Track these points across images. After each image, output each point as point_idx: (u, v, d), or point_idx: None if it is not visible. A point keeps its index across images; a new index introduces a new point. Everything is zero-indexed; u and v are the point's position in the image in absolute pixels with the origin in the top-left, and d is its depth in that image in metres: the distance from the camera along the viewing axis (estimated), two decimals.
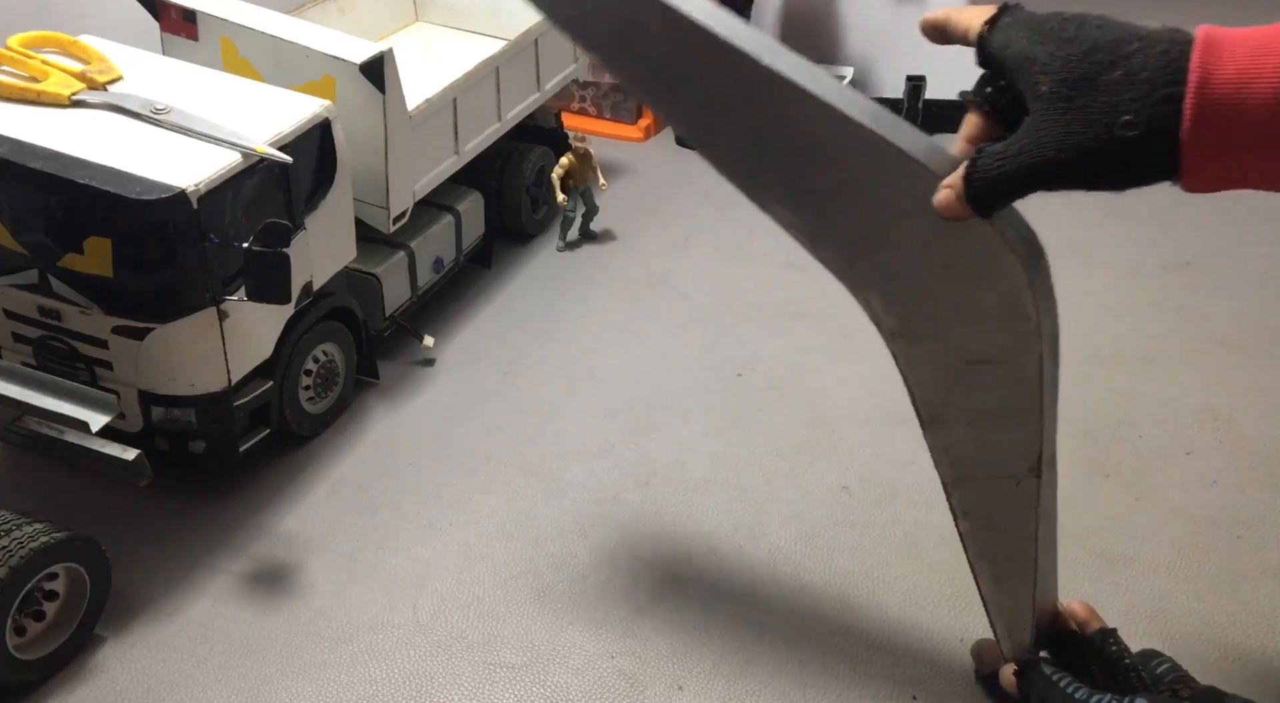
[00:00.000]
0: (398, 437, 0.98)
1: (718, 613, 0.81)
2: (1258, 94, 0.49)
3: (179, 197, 0.74)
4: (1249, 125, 0.50)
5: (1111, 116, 0.52)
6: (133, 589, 0.81)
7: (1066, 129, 0.54)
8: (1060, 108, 0.54)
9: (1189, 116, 0.50)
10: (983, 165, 0.56)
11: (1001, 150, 0.56)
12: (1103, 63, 0.53)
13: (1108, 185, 0.55)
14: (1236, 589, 0.83)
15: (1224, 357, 1.10)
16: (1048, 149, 0.55)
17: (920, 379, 0.66)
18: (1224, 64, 0.50)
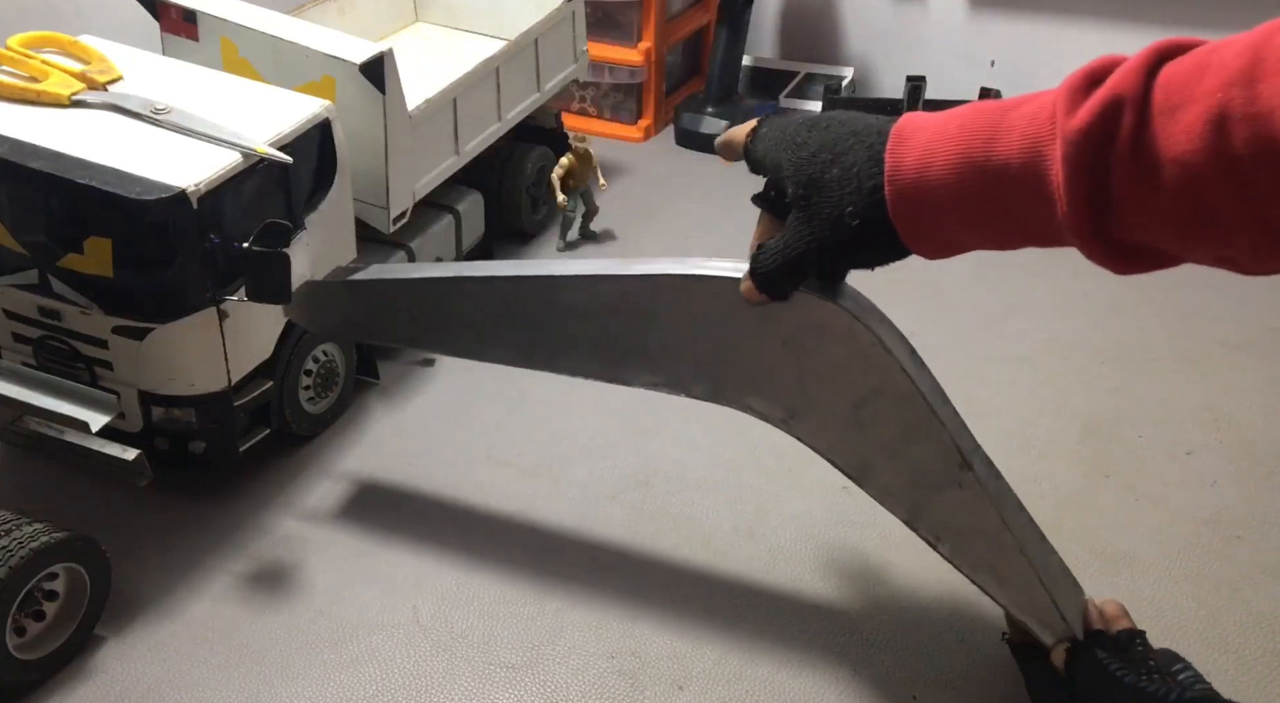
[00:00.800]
0: (398, 437, 0.98)
1: (718, 613, 0.81)
2: (934, 177, 0.55)
3: (179, 197, 0.74)
4: (937, 203, 0.55)
5: (838, 210, 0.59)
6: (133, 589, 0.81)
7: (810, 226, 0.60)
8: (801, 207, 0.60)
9: (889, 203, 0.56)
10: (760, 262, 0.64)
11: (771, 247, 0.63)
12: (826, 162, 0.59)
13: (862, 264, 0.62)
14: (1236, 589, 0.83)
15: (1224, 357, 1.10)
16: (801, 244, 0.61)
17: (830, 444, 0.71)
18: (908, 153, 0.56)
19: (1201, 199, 0.48)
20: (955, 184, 0.55)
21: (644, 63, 1.49)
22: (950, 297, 1.18)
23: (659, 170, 1.46)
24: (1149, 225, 0.51)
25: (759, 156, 0.65)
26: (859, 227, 0.58)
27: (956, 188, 0.55)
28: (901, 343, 0.68)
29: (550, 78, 1.24)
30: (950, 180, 0.55)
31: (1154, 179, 0.49)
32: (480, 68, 1.10)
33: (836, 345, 0.67)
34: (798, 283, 0.64)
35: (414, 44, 1.28)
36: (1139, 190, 0.49)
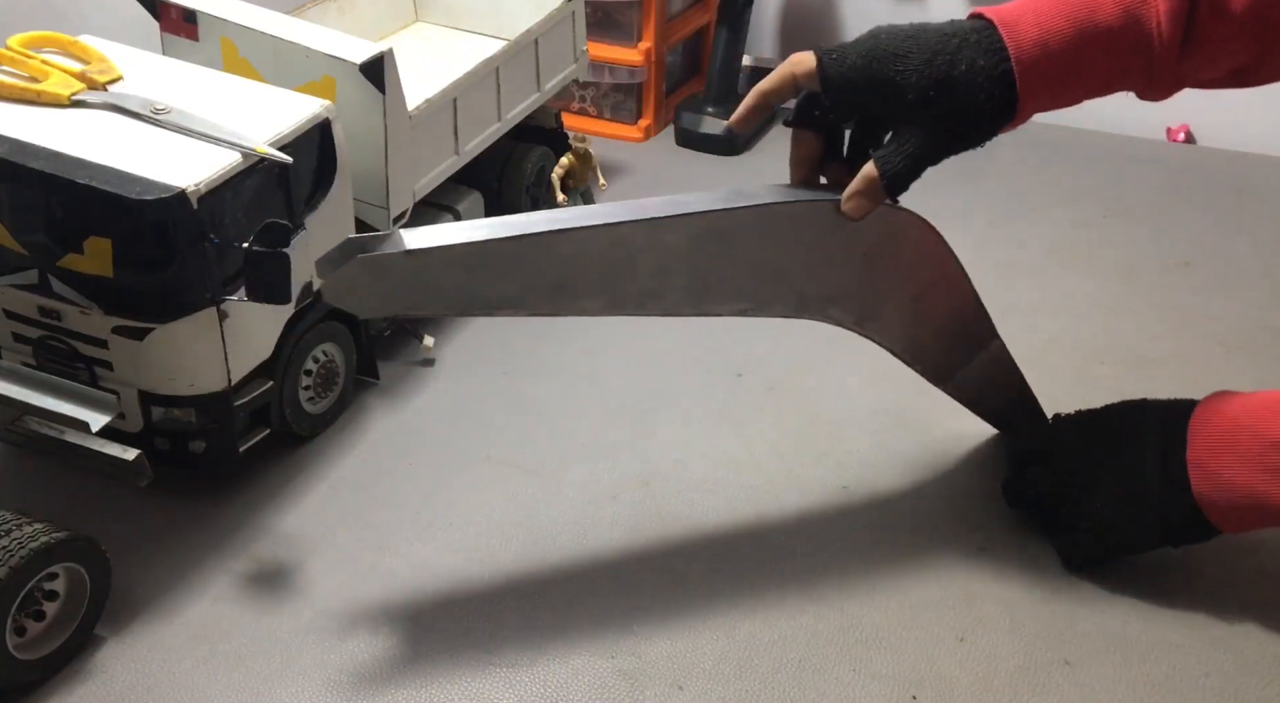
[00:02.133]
0: (398, 437, 0.98)
1: (718, 613, 0.81)
2: (1054, 49, 0.69)
3: (179, 197, 0.74)
4: (1056, 71, 0.69)
5: (973, 101, 0.69)
6: (133, 589, 0.81)
7: (943, 123, 0.70)
8: (932, 106, 0.70)
9: (1019, 81, 0.69)
10: (889, 167, 0.72)
11: (896, 151, 0.72)
12: (946, 63, 0.69)
13: (973, 145, 0.73)
14: (1236, 589, 0.83)
15: (1224, 357, 1.10)
16: (935, 141, 0.71)
17: (891, 337, 0.85)
18: (1023, 35, 0.69)
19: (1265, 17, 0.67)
20: (1072, 52, 0.68)
21: (644, 63, 1.49)
22: None
23: (659, 170, 1.46)
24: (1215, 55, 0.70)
25: (843, 76, 0.71)
26: (991, 107, 0.70)
27: (1073, 55, 0.68)
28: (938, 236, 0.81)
29: (550, 78, 1.24)
30: (1067, 50, 0.68)
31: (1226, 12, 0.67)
32: (480, 68, 1.10)
33: (908, 248, 0.79)
34: (916, 177, 0.73)
35: (414, 44, 1.28)
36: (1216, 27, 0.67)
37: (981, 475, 0.93)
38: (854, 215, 0.74)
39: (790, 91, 0.75)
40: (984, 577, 0.84)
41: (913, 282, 0.82)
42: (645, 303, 0.77)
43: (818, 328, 1.13)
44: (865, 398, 1.03)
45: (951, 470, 0.95)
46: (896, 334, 0.85)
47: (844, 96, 0.72)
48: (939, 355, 0.88)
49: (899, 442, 0.98)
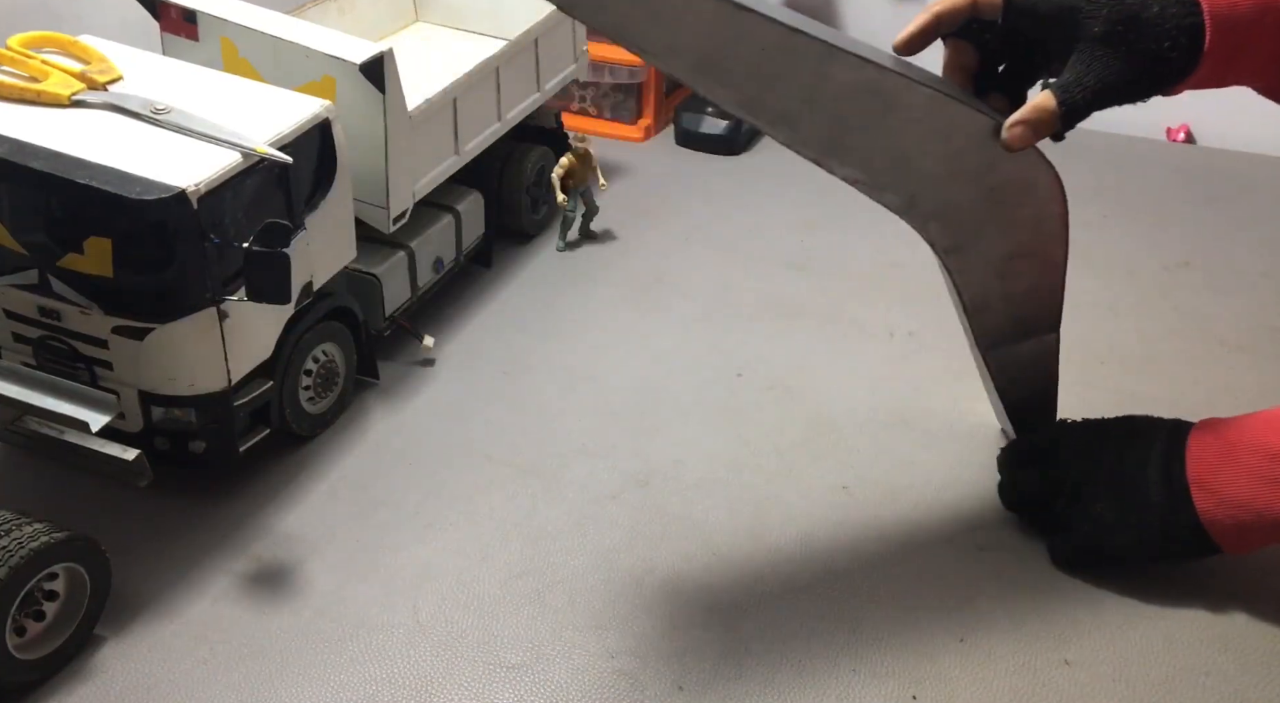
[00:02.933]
0: (398, 437, 0.98)
1: (718, 613, 0.81)
2: (1243, 11, 0.68)
3: (179, 197, 0.74)
4: (1247, 31, 0.69)
5: (1158, 45, 0.69)
6: (133, 589, 0.81)
7: (1126, 61, 0.69)
8: (1117, 42, 0.69)
9: (1209, 34, 0.68)
10: (1069, 97, 0.71)
11: (1076, 82, 0.71)
12: (1139, 4, 0.69)
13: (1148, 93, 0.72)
14: (1236, 589, 0.83)
15: (1224, 357, 1.10)
16: (1117, 78, 0.70)
17: (969, 279, 0.83)
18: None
19: None
20: (1260, 13, 0.68)
21: (644, 62, 1.49)
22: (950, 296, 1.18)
23: (659, 170, 1.46)
24: None
25: (1031, 2, 0.72)
26: (1175, 56, 0.69)
27: (1260, 16, 0.68)
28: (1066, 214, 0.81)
29: (550, 78, 1.24)
30: (1255, 12, 0.68)
31: None
32: (480, 68, 1.10)
33: (1031, 203, 0.79)
34: (1093, 111, 0.72)
35: (414, 44, 1.28)
36: None
37: (981, 476, 0.93)
38: (1013, 144, 0.73)
39: (967, 13, 0.74)
40: (984, 577, 0.84)
41: (1017, 238, 0.81)
42: (776, 123, 0.73)
43: (818, 329, 1.14)
44: (865, 398, 1.03)
45: (951, 471, 0.95)
46: (973, 279, 0.83)
47: (1025, 23, 0.72)
48: (999, 322, 0.86)
49: (899, 442, 0.98)
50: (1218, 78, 0.71)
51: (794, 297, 1.18)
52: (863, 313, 1.15)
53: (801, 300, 1.17)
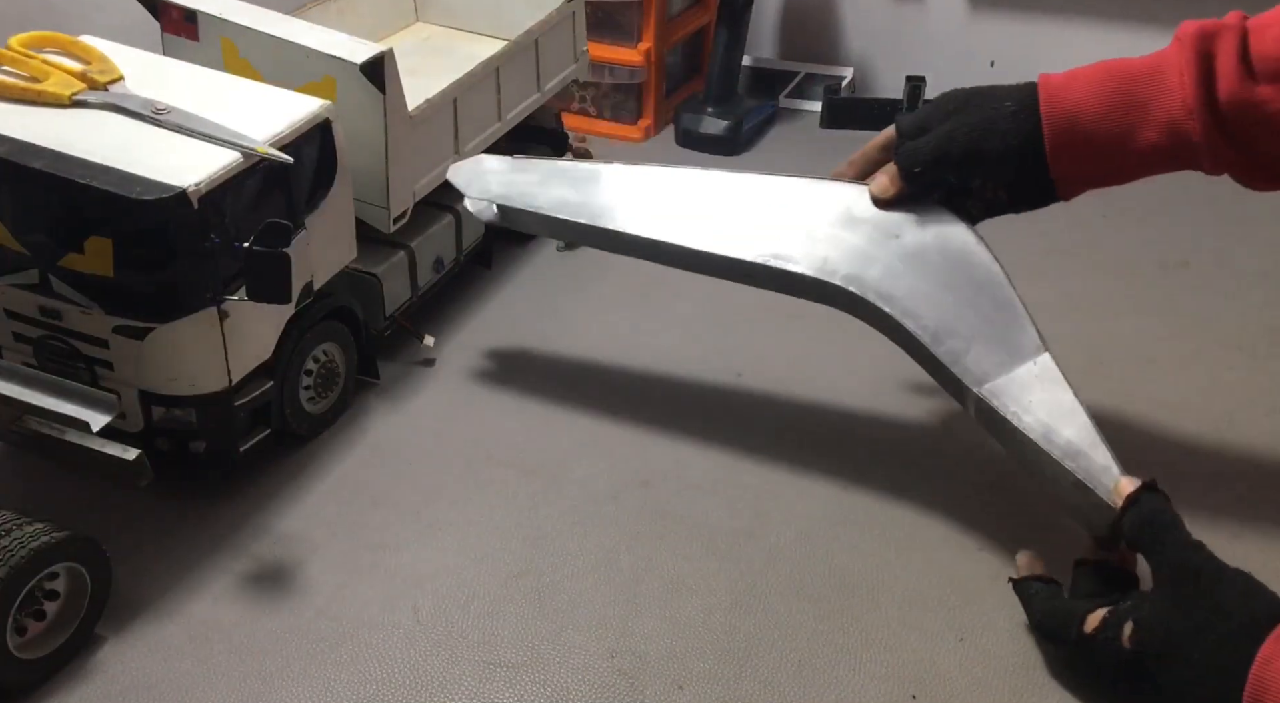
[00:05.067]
0: (398, 437, 0.98)
1: (718, 613, 0.81)
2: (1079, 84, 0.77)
3: (180, 197, 0.74)
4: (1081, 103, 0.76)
5: (996, 104, 0.79)
6: (133, 589, 0.81)
7: (964, 118, 0.79)
8: (954, 113, 0.80)
9: (1042, 96, 0.77)
10: (907, 150, 0.82)
11: (920, 142, 0.81)
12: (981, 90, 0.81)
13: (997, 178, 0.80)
14: None
15: (1224, 357, 1.10)
16: (955, 132, 0.79)
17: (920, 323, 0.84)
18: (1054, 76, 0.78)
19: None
20: (1095, 83, 0.75)
21: (644, 63, 1.49)
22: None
23: None
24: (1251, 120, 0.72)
25: (909, 123, 0.84)
26: (1013, 113, 0.77)
27: (1096, 85, 0.75)
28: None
29: (550, 78, 1.24)
30: (1091, 82, 0.76)
31: (1251, 75, 0.71)
32: (480, 68, 1.10)
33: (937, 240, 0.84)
34: (936, 174, 0.81)
35: (414, 44, 1.28)
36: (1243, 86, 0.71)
37: (981, 475, 0.93)
38: (880, 195, 0.84)
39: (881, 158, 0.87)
40: (984, 577, 0.84)
41: (944, 271, 0.84)
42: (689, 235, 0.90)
43: (818, 329, 1.13)
44: (865, 398, 1.03)
45: (951, 471, 0.95)
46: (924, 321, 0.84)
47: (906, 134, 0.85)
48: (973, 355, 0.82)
49: (898, 442, 0.98)
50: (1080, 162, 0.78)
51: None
52: None
53: (801, 301, 1.17)
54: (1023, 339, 0.81)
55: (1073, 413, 0.79)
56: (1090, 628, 0.71)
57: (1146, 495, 0.73)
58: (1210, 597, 0.67)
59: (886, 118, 1.64)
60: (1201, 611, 0.66)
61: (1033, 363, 0.80)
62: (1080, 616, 0.72)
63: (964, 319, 0.83)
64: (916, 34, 1.65)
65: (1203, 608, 0.66)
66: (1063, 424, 0.78)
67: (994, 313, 0.82)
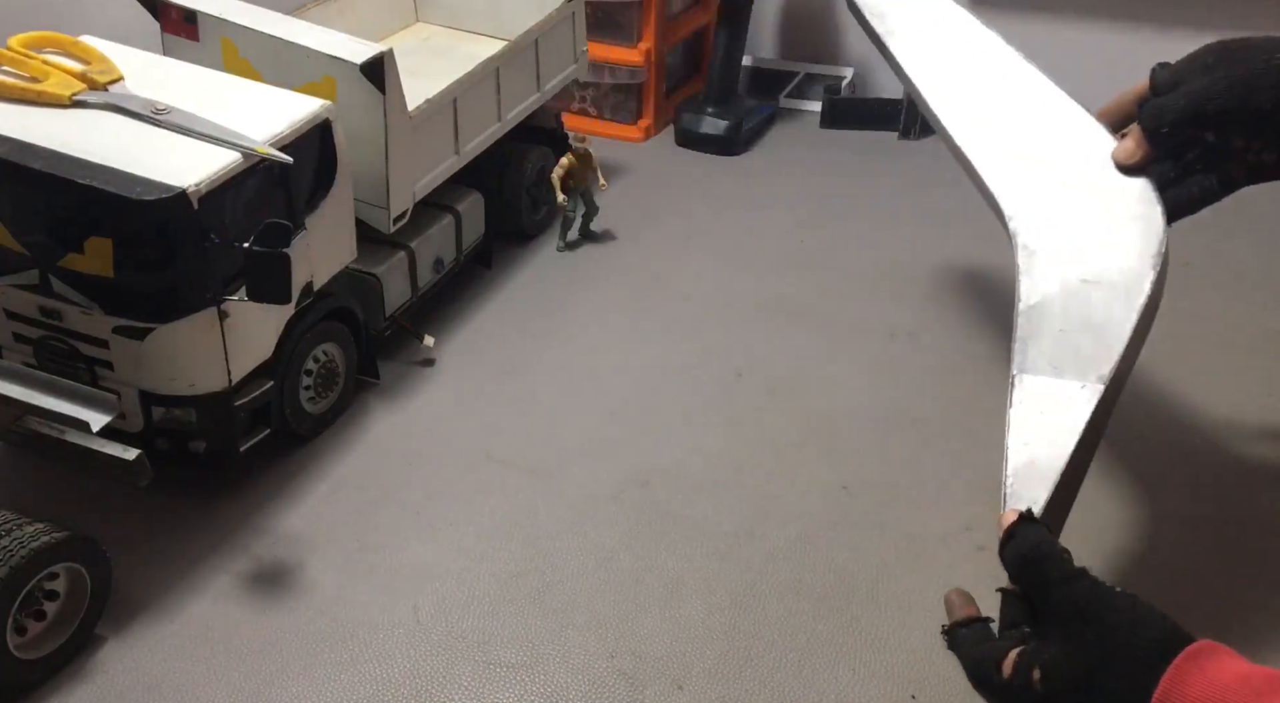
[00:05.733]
0: (398, 437, 0.98)
1: (718, 613, 0.81)
2: None
3: (180, 197, 0.74)
4: None
5: (1264, 56, 0.67)
6: (133, 589, 0.81)
7: (1227, 74, 0.69)
8: (1215, 65, 0.69)
9: None
10: (1156, 107, 0.72)
11: (1168, 98, 0.71)
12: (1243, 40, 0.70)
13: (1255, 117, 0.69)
14: (1237, 589, 0.83)
15: (1224, 357, 1.10)
16: (1213, 88, 0.69)
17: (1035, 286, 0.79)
18: None
19: None
20: None
21: (644, 63, 1.49)
22: (951, 297, 1.18)
23: (659, 170, 1.46)
24: None
25: (1164, 77, 0.73)
26: None
27: None
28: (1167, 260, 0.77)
29: (550, 78, 1.24)
30: None
31: None
32: (480, 68, 1.10)
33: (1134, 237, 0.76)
34: (1188, 135, 0.72)
35: (414, 44, 1.28)
36: None
37: (981, 475, 0.93)
38: (1118, 157, 0.76)
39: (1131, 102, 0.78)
40: (983, 577, 0.84)
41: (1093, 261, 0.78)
42: None
43: (818, 329, 1.14)
44: (865, 398, 1.03)
45: (950, 470, 0.95)
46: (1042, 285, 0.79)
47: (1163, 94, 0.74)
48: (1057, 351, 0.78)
49: (899, 442, 0.98)
50: None
51: (794, 297, 1.18)
52: (863, 313, 1.15)
53: (801, 300, 1.17)
54: (1096, 362, 0.75)
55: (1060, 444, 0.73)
56: (1007, 673, 0.68)
57: (1023, 528, 0.67)
58: (1100, 632, 0.63)
59: (887, 118, 1.65)
60: (1095, 648, 0.63)
61: (1080, 386, 0.75)
62: (998, 661, 0.67)
63: (1068, 315, 0.77)
64: None
65: (1096, 645, 0.63)
66: (1041, 444, 0.73)
67: (1100, 325, 0.77)
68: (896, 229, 1.32)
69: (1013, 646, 0.68)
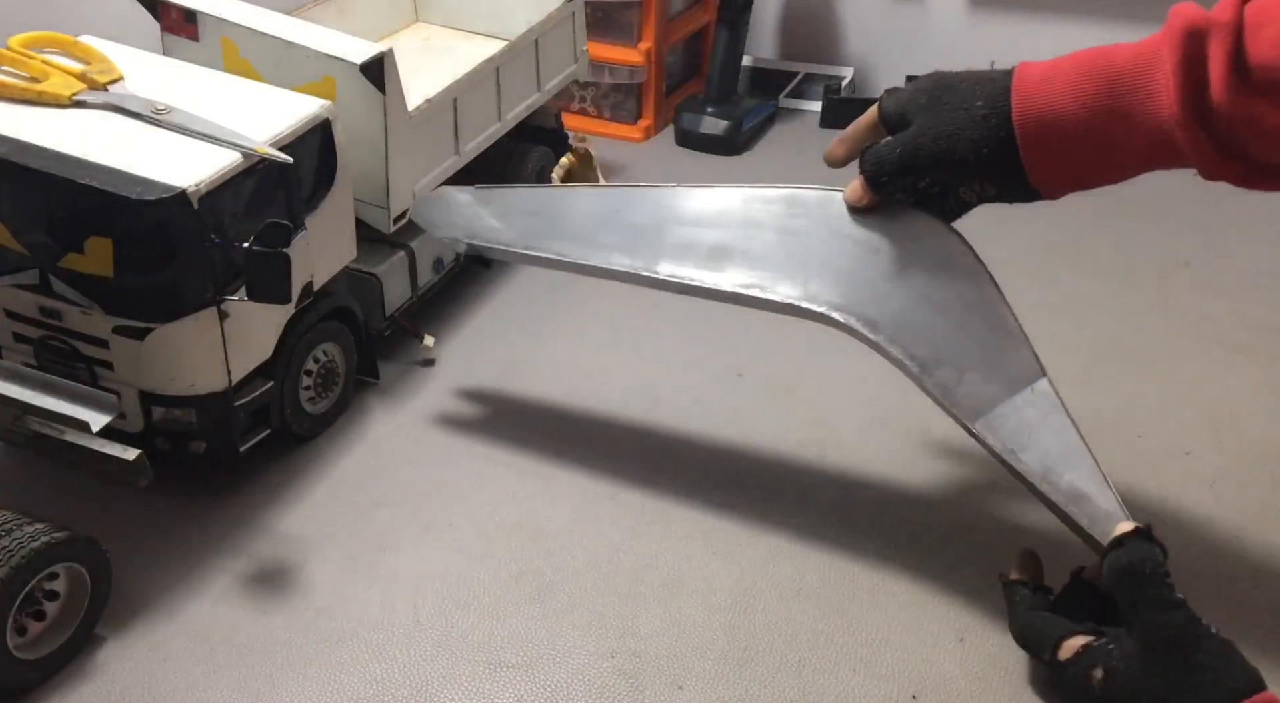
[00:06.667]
0: (398, 437, 0.98)
1: (718, 613, 0.81)
2: (1059, 82, 0.68)
3: (180, 197, 0.74)
4: (1058, 103, 0.68)
5: (967, 103, 0.71)
6: (133, 589, 0.81)
7: (935, 117, 0.72)
8: (926, 108, 0.73)
9: (1015, 96, 0.69)
10: (872, 154, 0.76)
11: (885, 144, 0.76)
12: (956, 78, 0.73)
13: (972, 176, 0.73)
14: (1236, 589, 0.83)
15: (1224, 357, 1.10)
16: (922, 135, 0.73)
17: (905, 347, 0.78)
18: (1033, 68, 0.70)
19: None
20: (1073, 84, 0.67)
21: (644, 63, 1.49)
22: None
23: (659, 170, 1.46)
24: (1245, 132, 0.64)
25: (890, 108, 0.77)
26: (983, 117, 0.70)
27: (1074, 87, 0.67)
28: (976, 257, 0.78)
29: (550, 78, 1.24)
30: (1070, 82, 0.67)
31: (1246, 84, 0.62)
32: (480, 68, 1.10)
33: (924, 252, 0.78)
34: (906, 181, 0.75)
35: (414, 44, 1.28)
36: (1236, 97, 0.62)
37: (980, 475, 0.93)
38: (852, 200, 0.79)
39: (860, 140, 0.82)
40: (984, 577, 0.84)
41: (937, 291, 0.77)
42: (657, 263, 0.84)
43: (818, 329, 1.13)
44: (865, 398, 1.03)
45: (950, 470, 0.95)
46: (912, 347, 0.77)
47: (889, 125, 0.79)
48: (966, 385, 0.76)
49: (899, 442, 0.98)
50: (1058, 163, 0.70)
51: None
52: None
53: None
54: (1018, 363, 0.75)
55: (1075, 451, 0.73)
56: (1064, 655, 0.69)
57: (1133, 541, 0.68)
58: (1185, 668, 0.64)
59: None
60: (1174, 681, 0.64)
61: (1030, 391, 0.74)
62: (1057, 639, 0.70)
63: (955, 344, 0.76)
64: (916, 34, 1.65)
65: (1176, 678, 0.64)
66: (1064, 465, 0.73)
67: (986, 334, 0.76)
68: None
69: (1080, 633, 0.69)
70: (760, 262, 0.82)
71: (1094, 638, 0.69)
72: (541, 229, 0.88)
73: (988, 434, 0.74)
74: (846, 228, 0.80)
